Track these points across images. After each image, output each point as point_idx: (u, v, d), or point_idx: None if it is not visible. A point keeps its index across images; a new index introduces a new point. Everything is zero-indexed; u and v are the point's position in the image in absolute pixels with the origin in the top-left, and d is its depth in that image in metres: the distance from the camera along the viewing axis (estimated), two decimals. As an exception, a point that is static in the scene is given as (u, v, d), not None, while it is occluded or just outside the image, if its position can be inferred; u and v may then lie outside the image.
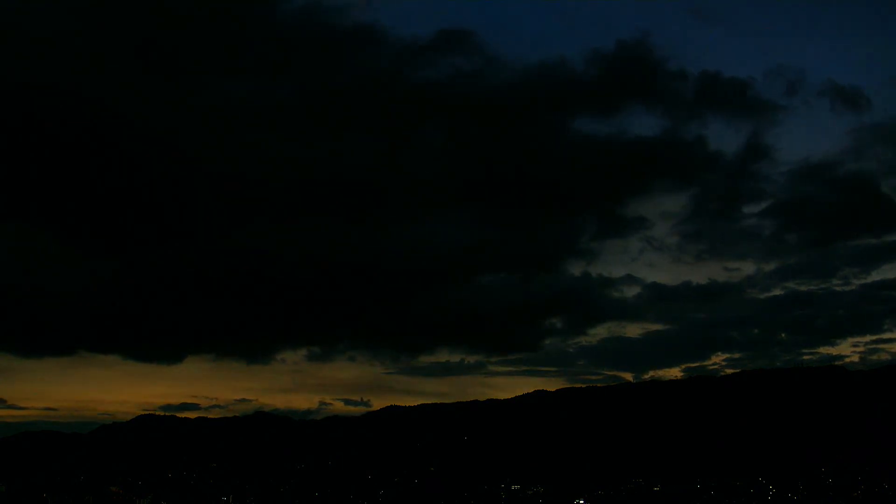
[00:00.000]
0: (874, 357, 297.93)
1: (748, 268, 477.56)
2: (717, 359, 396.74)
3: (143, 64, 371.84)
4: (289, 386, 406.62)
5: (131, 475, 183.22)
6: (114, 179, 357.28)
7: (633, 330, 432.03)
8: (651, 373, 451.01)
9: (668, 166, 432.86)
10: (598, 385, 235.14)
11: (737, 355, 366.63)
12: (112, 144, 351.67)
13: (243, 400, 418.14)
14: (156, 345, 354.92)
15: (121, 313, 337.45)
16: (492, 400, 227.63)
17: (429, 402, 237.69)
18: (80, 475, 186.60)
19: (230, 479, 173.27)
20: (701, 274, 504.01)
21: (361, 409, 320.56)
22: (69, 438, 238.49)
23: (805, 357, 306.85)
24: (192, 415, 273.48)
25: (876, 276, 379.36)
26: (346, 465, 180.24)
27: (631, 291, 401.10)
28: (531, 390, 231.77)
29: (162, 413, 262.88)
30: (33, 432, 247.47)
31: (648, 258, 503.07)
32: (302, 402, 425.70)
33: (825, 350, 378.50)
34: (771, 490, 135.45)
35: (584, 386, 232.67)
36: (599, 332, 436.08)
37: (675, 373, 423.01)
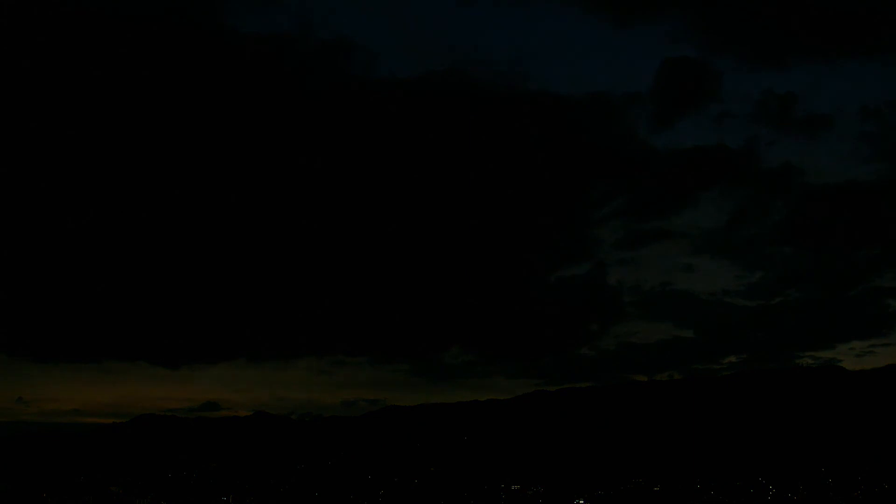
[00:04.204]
0: (872, 361, 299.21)
1: (760, 274, 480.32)
2: (728, 361, 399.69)
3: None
4: (313, 388, 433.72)
5: (131, 475, 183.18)
6: (144, 189, 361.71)
7: (650, 334, 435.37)
8: (662, 375, 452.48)
9: (695, 178, 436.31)
10: (599, 385, 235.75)
11: (744, 356, 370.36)
12: (142, 153, 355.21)
13: (263, 402, 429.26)
14: (184, 351, 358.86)
15: (148, 320, 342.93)
16: (492, 400, 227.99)
17: (429, 402, 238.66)
18: (80, 475, 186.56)
19: (230, 479, 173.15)
20: (716, 279, 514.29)
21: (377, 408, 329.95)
22: (69, 438, 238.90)
23: (807, 361, 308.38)
24: (194, 415, 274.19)
25: (879, 281, 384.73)
26: (346, 465, 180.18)
27: (648, 296, 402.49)
28: (532, 390, 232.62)
29: (162, 413, 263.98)
30: (34, 432, 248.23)
31: (665, 264, 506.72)
32: (325, 400, 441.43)
33: (825, 354, 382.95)
34: (771, 490, 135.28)
35: (584, 385, 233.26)
36: (617, 336, 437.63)
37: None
